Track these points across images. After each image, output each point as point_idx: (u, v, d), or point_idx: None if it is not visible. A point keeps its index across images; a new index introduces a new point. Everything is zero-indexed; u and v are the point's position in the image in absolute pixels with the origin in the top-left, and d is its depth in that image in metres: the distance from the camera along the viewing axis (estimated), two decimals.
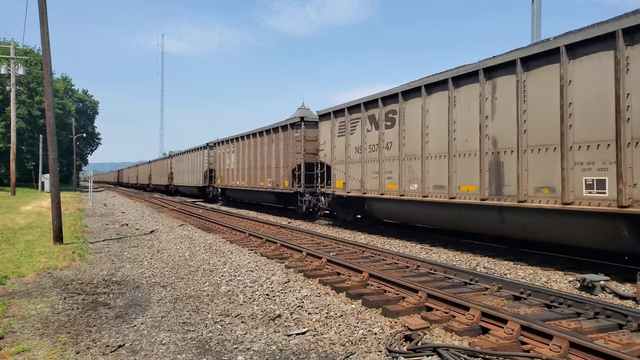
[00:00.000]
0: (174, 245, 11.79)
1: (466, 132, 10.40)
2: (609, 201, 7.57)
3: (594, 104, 7.86)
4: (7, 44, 42.24)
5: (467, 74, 10.33)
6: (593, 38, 7.79)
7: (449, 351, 4.36)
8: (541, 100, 8.73)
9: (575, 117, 8.12)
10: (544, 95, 8.66)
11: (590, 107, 7.91)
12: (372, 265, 8.61)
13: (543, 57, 8.67)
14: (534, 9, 16.47)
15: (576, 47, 8.12)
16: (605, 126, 7.65)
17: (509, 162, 9.32)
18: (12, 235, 13.06)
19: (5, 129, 47.56)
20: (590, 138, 7.90)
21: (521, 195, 8.99)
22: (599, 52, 7.78)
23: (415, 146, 12.02)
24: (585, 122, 7.97)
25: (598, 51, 7.79)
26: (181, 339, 4.98)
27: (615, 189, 7.48)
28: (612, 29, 7.49)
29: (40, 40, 11.75)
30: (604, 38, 7.67)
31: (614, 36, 7.50)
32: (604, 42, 7.70)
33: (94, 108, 77.85)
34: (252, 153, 23.50)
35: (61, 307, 6.14)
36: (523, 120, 9.02)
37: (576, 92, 8.13)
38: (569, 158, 8.17)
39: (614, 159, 7.49)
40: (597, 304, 5.62)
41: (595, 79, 7.83)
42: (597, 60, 7.81)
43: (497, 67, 9.66)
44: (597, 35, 7.73)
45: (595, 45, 7.83)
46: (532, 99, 8.90)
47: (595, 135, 7.81)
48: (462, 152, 10.51)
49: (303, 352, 4.62)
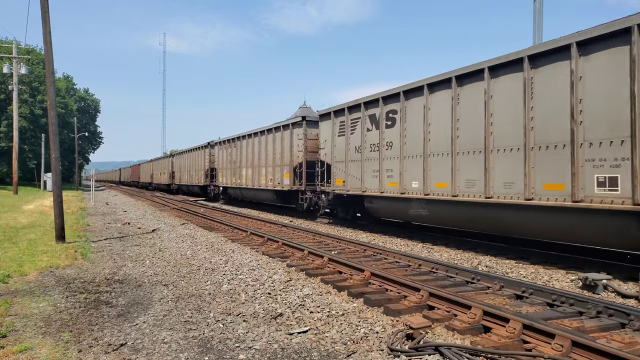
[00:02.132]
0: (175, 244, 11.80)
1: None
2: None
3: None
4: (9, 43, 42.31)
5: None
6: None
7: (450, 350, 4.36)
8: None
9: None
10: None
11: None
12: (373, 264, 8.61)
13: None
14: (536, 7, 16.42)
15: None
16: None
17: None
18: (15, 234, 13.08)
19: (7, 128, 47.65)
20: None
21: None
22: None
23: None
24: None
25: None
26: (183, 338, 4.99)
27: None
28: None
29: (43, 39, 11.76)
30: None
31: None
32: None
33: (95, 107, 77.93)
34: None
35: (63, 306, 6.15)
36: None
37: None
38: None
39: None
40: (599, 303, 5.61)
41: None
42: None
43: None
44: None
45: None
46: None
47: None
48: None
49: (305, 351, 4.62)
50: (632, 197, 7.30)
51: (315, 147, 17.82)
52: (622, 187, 7.48)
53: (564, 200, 8.32)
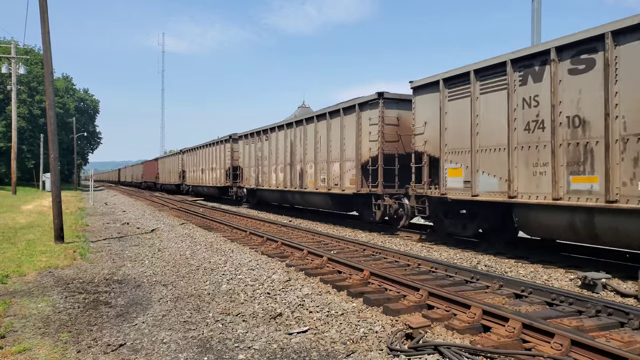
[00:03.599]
0: (174, 244, 11.79)
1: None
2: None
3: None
4: (8, 43, 42.26)
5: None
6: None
7: (450, 349, 4.36)
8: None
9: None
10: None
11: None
12: (372, 264, 8.61)
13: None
14: (534, 7, 16.44)
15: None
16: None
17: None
18: (13, 234, 13.06)
19: (6, 128, 47.58)
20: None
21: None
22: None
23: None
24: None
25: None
26: (182, 338, 4.98)
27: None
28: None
29: (41, 39, 11.74)
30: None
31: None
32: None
33: (94, 107, 77.82)
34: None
35: (62, 306, 6.14)
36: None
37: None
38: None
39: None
40: (598, 302, 5.62)
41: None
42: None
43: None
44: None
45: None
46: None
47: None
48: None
49: (304, 351, 4.61)
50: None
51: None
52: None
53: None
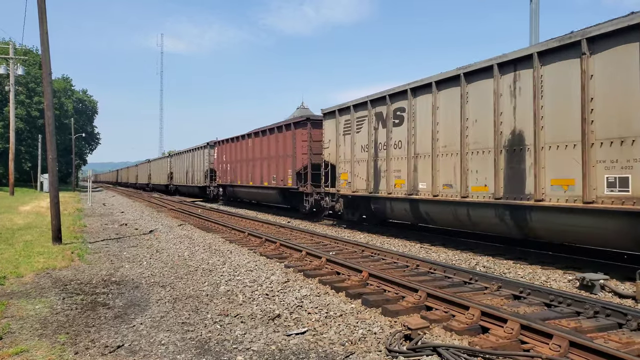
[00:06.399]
0: (173, 245, 11.77)
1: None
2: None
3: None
4: (6, 44, 42.17)
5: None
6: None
7: (448, 351, 4.35)
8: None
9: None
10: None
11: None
12: (371, 265, 8.60)
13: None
14: (532, 8, 16.48)
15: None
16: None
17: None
18: (11, 235, 13.03)
19: (4, 129, 47.50)
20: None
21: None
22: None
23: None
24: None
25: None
26: (180, 339, 4.97)
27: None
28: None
29: (40, 40, 11.72)
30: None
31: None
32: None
33: (93, 108, 77.71)
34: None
35: (60, 308, 6.12)
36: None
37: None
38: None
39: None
40: (596, 303, 5.62)
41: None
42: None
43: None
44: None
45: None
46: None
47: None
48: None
49: (303, 352, 4.61)
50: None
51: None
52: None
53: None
